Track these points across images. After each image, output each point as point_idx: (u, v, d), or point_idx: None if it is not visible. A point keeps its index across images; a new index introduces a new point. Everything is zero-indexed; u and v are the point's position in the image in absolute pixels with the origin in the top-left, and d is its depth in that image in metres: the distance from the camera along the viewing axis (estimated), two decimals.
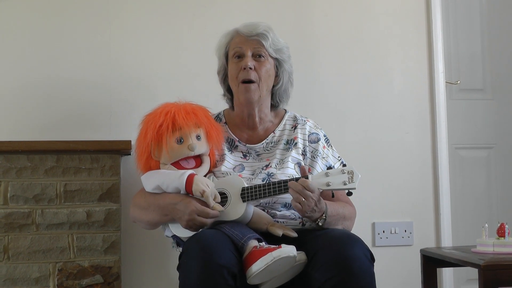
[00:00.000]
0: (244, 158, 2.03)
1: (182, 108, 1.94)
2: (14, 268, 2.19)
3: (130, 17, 2.49)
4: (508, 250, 1.93)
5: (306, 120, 2.11)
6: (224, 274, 1.62)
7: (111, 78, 2.44)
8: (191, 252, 1.67)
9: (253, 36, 2.00)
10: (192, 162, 1.95)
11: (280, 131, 2.08)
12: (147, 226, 2.02)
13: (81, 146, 2.24)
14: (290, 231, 1.82)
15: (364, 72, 2.67)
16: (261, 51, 2.00)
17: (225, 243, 1.69)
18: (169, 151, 1.91)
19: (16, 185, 2.21)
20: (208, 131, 1.96)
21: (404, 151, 2.68)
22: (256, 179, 1.94)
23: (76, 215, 2.24)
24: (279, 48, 2.03)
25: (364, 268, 1.66)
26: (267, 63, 2.00)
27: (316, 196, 1.76)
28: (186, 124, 1.91)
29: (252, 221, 1.85)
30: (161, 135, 1.91)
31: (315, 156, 2.03)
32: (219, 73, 2.11)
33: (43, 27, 2.43)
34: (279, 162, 1.99)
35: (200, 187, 1.81)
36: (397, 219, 2.66)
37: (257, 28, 2.01)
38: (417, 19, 2.73)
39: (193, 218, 1.79)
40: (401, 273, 2.61)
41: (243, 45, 2.01)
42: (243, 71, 1.98)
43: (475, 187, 3.06)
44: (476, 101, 3.09)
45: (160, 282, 2.42)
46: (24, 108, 2.39)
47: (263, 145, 2.05)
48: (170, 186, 1.88)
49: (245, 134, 2.08)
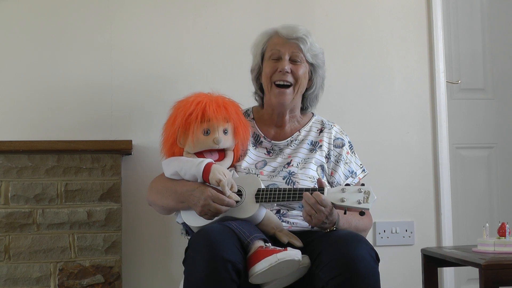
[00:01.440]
0: (268, 154, 2.04)
1: (214, 101, 1.94)
2: (15, 268, 2.20)
3: (131, 17, 2.49)
4: (509, 249, 1.93)
5: (333, 125, 2.12)
6: (229, 269, 1.62)
7: (112, 78, 2.45)
8: (197, 246, 1.67)
9: (292, 39, 2.00)
10: (215, 154, 1.96)
11: (306, 131, 2.09)
12: (162, 211, 2.03)
13: (82, 146, 2.24)
14: (296, 240, 1.82)
15: (365, 71, 2.67)
16: (299, 56, 2.00)
17: (231, 239, 1.69)
18: (195, 140, 1.92)
19: (17, 185, 2.22)
20: (236, 127, 1.96)
21: (405, 151, 2.68)
22: (277, 176, 1.95)
23: (77, 215, 2.24)
24: (316, 54, 2.04)
25: (369, 268, 1.66)
26: (303, 67, 2.01)
27: (328, 210, 1.75)
28: (215, 117, 1.91)
29: (262, 223, 1.85)
30: (190, 123, 1.91)
31: (338, 160, 2.04)
32: (252, 71, 2.10)
33: (44, 27, 2.43)
34: (301, 161, 2.00)
35: (217, 176, 1.82)
36: (398, 218, 2.66)
37: (297, 31, 2.00)
38: (418, 19, 2.73)
39: (208, 203, 1.79)
40: (402, 272, 2.61)
41: (281, 47, 2.00)
42: (278, 73, 1.98)
43: (476, 186, 3.06)
44: (477, 100, 3.09)
45: (161, 281, 2.42)
46: (25, 108, 2.39)
47: (288, 141, 2.06)
48: (188, 173, 1.88)
49: (272, 130, 2.08)
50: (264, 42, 2.05)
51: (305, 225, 1.91)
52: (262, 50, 2.05)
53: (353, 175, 2.05)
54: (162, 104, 1.98)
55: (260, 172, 1.96)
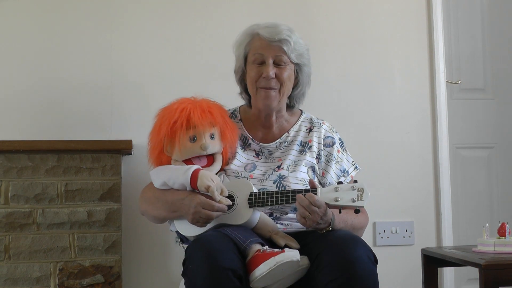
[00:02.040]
0: (257, 157, 2.01)
1: (198, 106, 1.91)
2: (15, 267, 2.20)
3: (131, 17, 2.49)
4: (509, 249, 1.93)
5: (322, 123, 2.08)
6: (230, 277, 1.61)
7: (112, 78, 2.45)
8: (195, 258, 1.65)
9: (275, 42, 1.94)
10: (204, 160, 1.93)
11: (295, 131, 2.05)
12: (155, 221, 2.01)
13: (82, 146, 2.24)
14: (293, 242, 1.81)
15: (365, 72, 2.67)
16: (283, 59, 1.95)
17: (228, 246, 1.68)
18: (182, 148, 1.89)
19: (17, 184, 2.22)
20: (223, 130, 1.93)
21: (405, 151, 2.68)
22: (267, 180, 1.93)
23: (77, 215, 2.24)
24: (300, 53, 1.98)
25: (367, 270, 1.65)
26: (288, 69, 1.96)
27: (322, 211, 1.73)
28: (201, 123, 1.88)
29: (257, 227, 1.83)
30: (175, 132, 1.88)
31: (329, 160, 2.01)
32: (236, 73, 2.06)
33: (44, 26, 2.43)
34: (291, 164, 1.97)
35: (204, 183, 1.80)
36: (398, 218, 2.66)
37: (279, 33, 1.93)
38: (418, 19, 2.73)
39: (199, 210, 1.77)
40: (402, 272, 2.61)
41: (264, 51, 1.95)
42: (263, 79, 1.94)
43: (476, 186, 3.06)
44: (477, 100, 3.09)
45: (161, 281, 2.42)
46: (25, 108, 2.39)
47: (276, 144, 2.03)
48: (176, 182, 1.87)
49: (259, 132, 2.05)
50: (245, 44, 2.00)
51: (299, 226, 1.89)
52: (245, 53, 2.00)
53: (345, 174, 2.02)
54: (162, 104, 1.97)
55: (249, 175, 1.94)
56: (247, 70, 2.00)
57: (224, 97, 2.05)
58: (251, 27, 2.01)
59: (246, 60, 2.01)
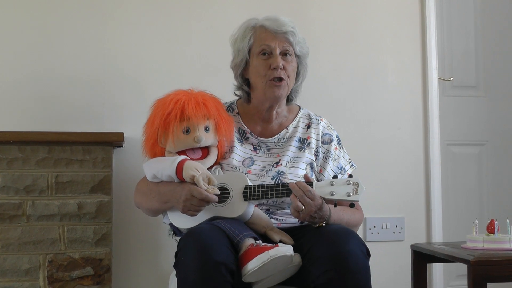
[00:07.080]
0: (254, 151, 2.00)
1: (193, 98, 1.89)
2: (4, 259, 2.19)
3: (125, 9, 2.48)
4: (497, 246, 1.94)
5: (320, 120, 2.08)
6: (222, 271, 1.61)
7: (104, 70, 2.43)
8: (187, 250, 1.65)
9: (281, 33, 1.95)
10: (198, 152, 1.92)
11: (294, 127, 2.05)
12: (149, 213, 2.01)
13: (73, 138, 2.24)
14: (287, 238, 1.81)
15: (358, 67, 2.67)
16: (289, 50, 1.96)
17: (221, 240, 1.68)
18: (175, 140, 1.88)
19: (7, 175, 2.20)
20: (218, 123, 1.92)
21: (397, 147, 2.69)
22: (266, 176, 1.92)
23: (67, 207, 2.23)
24: (302, 46, 2.00)
25: (360, 263, 1.66)
26: (293, 61, 1.97)
27: (317, 205, 1.73)
28: (195, 115, 1.86)
29: (251, 221, 1.82)
30: (169, 123, 1.87)
31: (327, 157, 2.02)
32: (237, 66, 2.02)
33: (37, 18, 2.41)
34: (290, 160, 1.97)
35: (189, 173, 1.79)
36: (389, 214, 2.67)
37: (285, 24, 1.95)
38: (411, 16, 2.74)
39: (189, 198, 1.76)
40: (391, 268, 2.62)
41: (271, 42, 1.94)
42: (272, 70, 1.93)
43: (467, 183, 3.07)
44: (468, 98, 3.10)
45: (151, 274, 2.42)
46: (16, 99, 2.37)
47: (275, 140, 2.03)
48: (164, 174, 1.86)
49: (258, 126, 2.04)
50: (249, 37, 1.98)
51: (294, 221, 1.90)
52: (249, 45, 1.98)
53: (342, 171, 2.04)
54: (154, 97, 1.96)
55: (248, 171, 1.93)
56: (253, 63, 1.98)
57: (217, 91, 2.03)
58: (250, 20, 2.01)
59: (249, 53, 1.99)
